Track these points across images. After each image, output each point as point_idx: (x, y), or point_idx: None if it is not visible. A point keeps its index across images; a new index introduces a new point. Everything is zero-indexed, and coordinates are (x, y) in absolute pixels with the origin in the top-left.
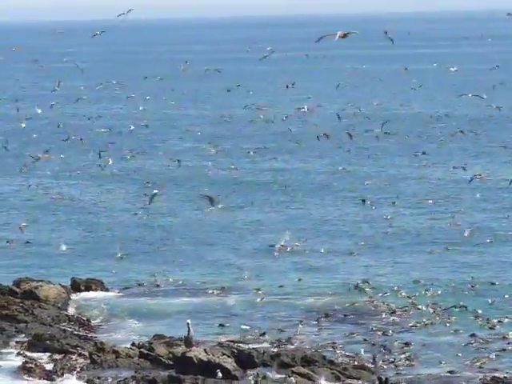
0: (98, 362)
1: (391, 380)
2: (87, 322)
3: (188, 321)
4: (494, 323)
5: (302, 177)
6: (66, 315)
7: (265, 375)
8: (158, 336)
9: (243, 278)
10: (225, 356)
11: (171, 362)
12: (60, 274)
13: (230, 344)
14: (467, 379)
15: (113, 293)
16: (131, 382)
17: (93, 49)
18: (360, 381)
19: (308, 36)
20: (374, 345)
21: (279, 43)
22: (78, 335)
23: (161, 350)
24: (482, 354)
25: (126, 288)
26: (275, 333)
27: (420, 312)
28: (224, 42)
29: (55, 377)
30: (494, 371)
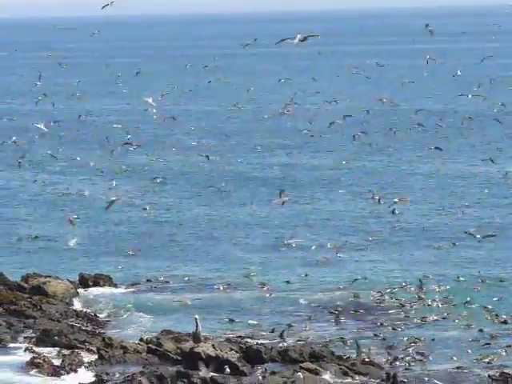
0: (105, 357)
1: (399, 375)
2: (95, 317)
3: (196, 316)
4: (503, 319)
5: (311, 172)
6: (74, 311)
7: (273, 371)
8: (166, 331)
9: (250, 273)
10: (233, 351)
11: (179, 358)
12: (68, 269)
13: (238, 339)
14: (475, 375)
15: (121, 288)
16: (139, 377)
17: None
18: (368, 376)
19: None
20: (384, 339)
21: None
22: (85, 331)
23: (169, 345)
24: (491, 350)
25: (134, 283)
26: (283, 328)
27: (428, 307)
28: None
29: (63, 372)
30: (503, 367)
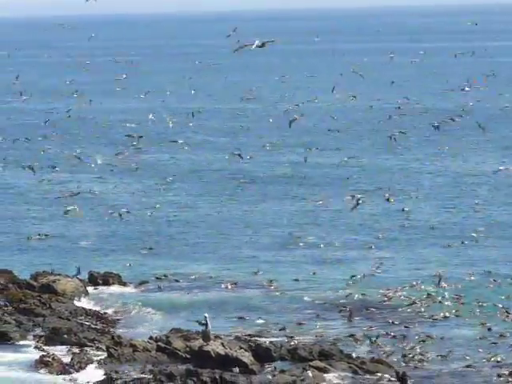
0: (115, 355)
1: (409, 374)
2: (104, 315)
3: (205, 314)
4: None
5: (320, 170)
6: (84, 309)
7: (282, 369)
8: (176, 330)
9: (259, 271)
10: (242, 350)
11: (188, 356)
12: (77, 267)
13: (248, 338)
14: (485, 374)
15: (130, 286)
16: (148, 376)
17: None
18: (378, 375)
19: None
20: (393, 337)
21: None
22: (95, 329)
23: (178, 343)
24: (501, 349)
25: (143, 282)
26: (292, 326)
27: (438, 305)
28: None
29: (72, 370)
30: None
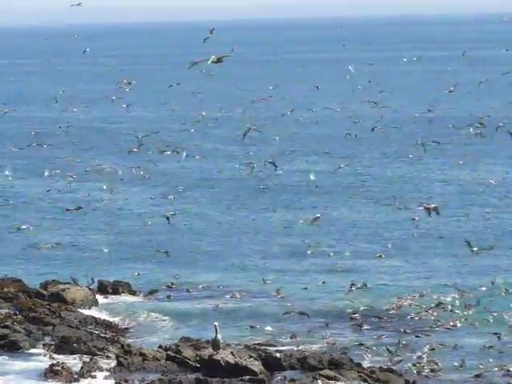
0: (124, 364)
1: (419, 383)
2: (114, 324)
3: (215, 323)
4: None
5: (330, 178)
6: (93, 318)
7: (292, 378)
8: (185, 338)
9: (268, 280)
10: (252, 359)
11: (198, 365)
12: (87, 276)
13: (257, 347)
14: (495, 383)
15: (140, 295)
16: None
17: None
18: None
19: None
20: (404, 345)
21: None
22: (104, 338)
23: (188, 352)
24: (511, 359)
25: (153, 291)
26: (301, 335)
27: (448, 314)
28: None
29: (82, 379)
30: None
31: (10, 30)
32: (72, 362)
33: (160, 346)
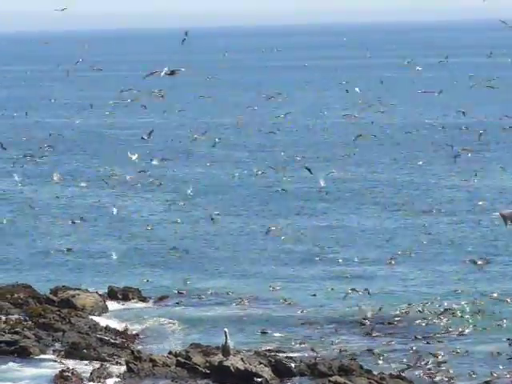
0: (134, 370)
1: None
2: (124, 330)
3: (225, 329)
4: None
5: (340, 185)
6: (103, 324)
7: None
8: (195, 345)
9: (278, 286)
10: (262, 365)
11: (208, 371)
12: (97, 282)
13: (267, 353)
14: None
15: (149, 301)
16: None
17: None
18: None
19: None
20: (414, 352)
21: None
22: (114, 344)
23: (198, 358)
24: None
25: (163, 297)
26: (311, 342)
27: (458, 321)
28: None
29: None
30: None
31: None
32: (82, 368)
33: (170, 352)
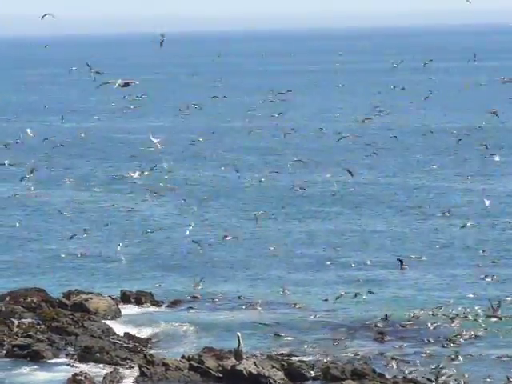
0: (147, 374)
1: None
2: (137, 334)
3: (238, 333)
4: None
5: (352, 189)
6: (116, 327)
7: None
8: (208, 348)
9: (290, 291)
10: (274, 369)
11: (221, 375)
12: (110, 286)
13: (280, 357)
14: None
15: (162, 305)
16: None
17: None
18: None
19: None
20: (428, 356)
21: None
22: (127, 347)
23: (210, 362)
24: None
25: (176, 301)
26: (324, 346)
27: (471, 325)
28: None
29: None
30: None
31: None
32: (95, 371)
33: (183, 356)
